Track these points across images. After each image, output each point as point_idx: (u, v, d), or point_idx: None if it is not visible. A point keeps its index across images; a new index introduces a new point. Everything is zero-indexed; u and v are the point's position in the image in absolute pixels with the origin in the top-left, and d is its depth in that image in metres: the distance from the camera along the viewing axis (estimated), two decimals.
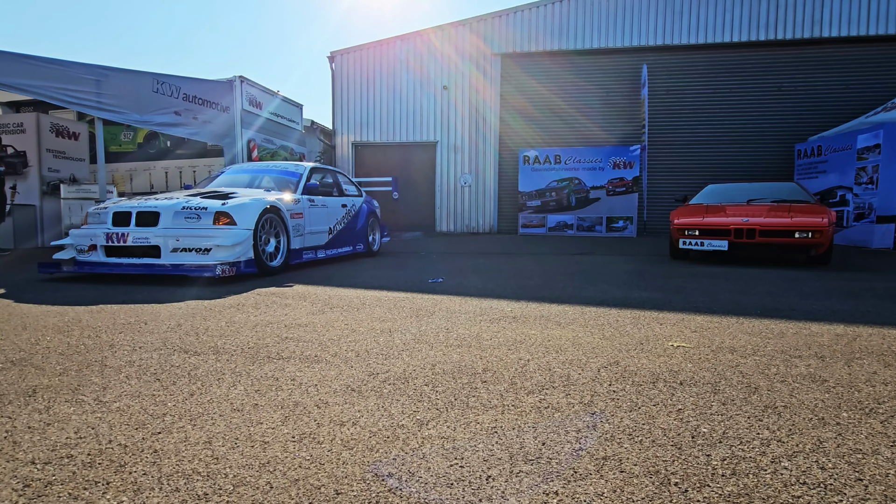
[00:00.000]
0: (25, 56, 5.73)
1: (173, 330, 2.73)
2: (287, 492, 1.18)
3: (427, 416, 1.61)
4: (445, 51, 12.74)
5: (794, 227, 5.68)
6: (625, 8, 11.87)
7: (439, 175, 13.05)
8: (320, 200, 6.14)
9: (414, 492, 1.18)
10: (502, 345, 2.45)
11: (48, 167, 8.93)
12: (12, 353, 2.30)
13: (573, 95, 12.36)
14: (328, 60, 13.37)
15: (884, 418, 1.59)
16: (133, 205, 4.82)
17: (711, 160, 11.94)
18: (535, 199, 12.08)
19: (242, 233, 4.64)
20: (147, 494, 1.17)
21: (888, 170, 8.48)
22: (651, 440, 1.44)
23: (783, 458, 1.33)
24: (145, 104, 7.03)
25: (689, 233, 6.15)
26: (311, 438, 1.45)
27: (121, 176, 10.99)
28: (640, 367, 2.10)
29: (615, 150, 11.67)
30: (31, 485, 1.21)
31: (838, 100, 11.36)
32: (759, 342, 2.49)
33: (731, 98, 11.85)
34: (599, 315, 3.14)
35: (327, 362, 2.16)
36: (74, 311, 3.23)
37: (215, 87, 8.25)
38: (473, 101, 12.76)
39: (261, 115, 9.23)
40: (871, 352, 2.33)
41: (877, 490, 1.18)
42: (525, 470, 1.27)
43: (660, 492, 1.17)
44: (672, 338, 2.58)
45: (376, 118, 13.08)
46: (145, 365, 2.13)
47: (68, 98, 6.18)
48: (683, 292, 4.00)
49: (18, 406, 1.69)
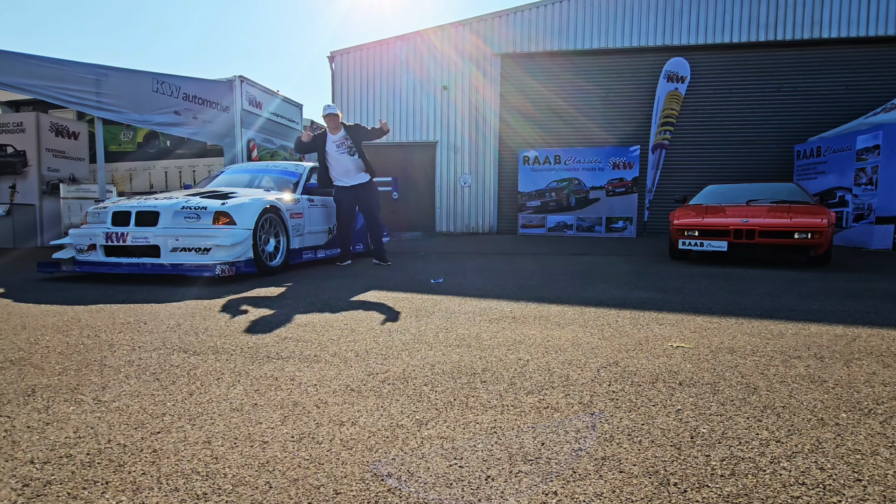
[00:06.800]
0: (25, 56, 5.73)
1: (173, 329, 2.73)
2: (286, 492, 1.18)
3: (426, 416, 1.61)
4: (445, 51, 12.74)
5: (794, 227, 5.68)
6: (625, 8, 11.88)
7: (439, 175, 13.06)
8: (320, 200, 6.14)
9: (413, 492, 1.18)
10: (502, 345, 2.45)
11: (48, 167, 8.93)
12: (11, 353, 2.30)
13: (573, 95, 12.37)
14: (328, 60, 13.37)
15: (883, 419, 1.59)
16: (132, 204, 4.82)
17: (711, 161, 11.95)
18: (534, 200, 12.08)
19: (242, 232, 4.64)
20: (146, 494, 1.17)
21: (887, 171, 8.48)
22: (650, 440, 1.44)
23: (782, 459, 1.33)
24: (145, 104, 7.03)
25: (688, 233, 6.16)
26: (310, 438, 1.45)
27: (120, 176, 10.99)
28: (640, 367, 2.10)
29: (615, 151, 11.68)
30: (31, 484, 1.21)
31: (838, 100, 11.37)
32: (758, 343, 2.49)
33: (730, 98, 11.86)
34: (599, 315, 3.14)
35: (327, 362, 2.16)
36: (74, 311, 3.23)
37: (215, 86, 8.24)
38: (473, 101, 12.76)
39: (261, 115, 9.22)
40: (870, 352, 2.33)
41: (876, 490, 1.18)
42: (524, 470, 1.27)
43: (659, 492, 1.18)
44: (671, 338, 2.58)
45: (376, 118, 13.07)
46: (144, 364, 2.13)
47: (68, 97, 6.17)
48: (683, 293, 4.00)
49: (17, 405, 1.69)
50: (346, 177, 5.90)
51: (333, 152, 5.84)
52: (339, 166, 5.87)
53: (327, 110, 5.78)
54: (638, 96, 12.12)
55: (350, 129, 5.85)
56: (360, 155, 5.84)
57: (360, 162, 5.85)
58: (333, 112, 5.79)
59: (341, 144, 5.81)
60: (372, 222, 6.14)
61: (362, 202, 6.02)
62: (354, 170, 5.87)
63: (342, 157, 5.83)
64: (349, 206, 6.01)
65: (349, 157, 5.83)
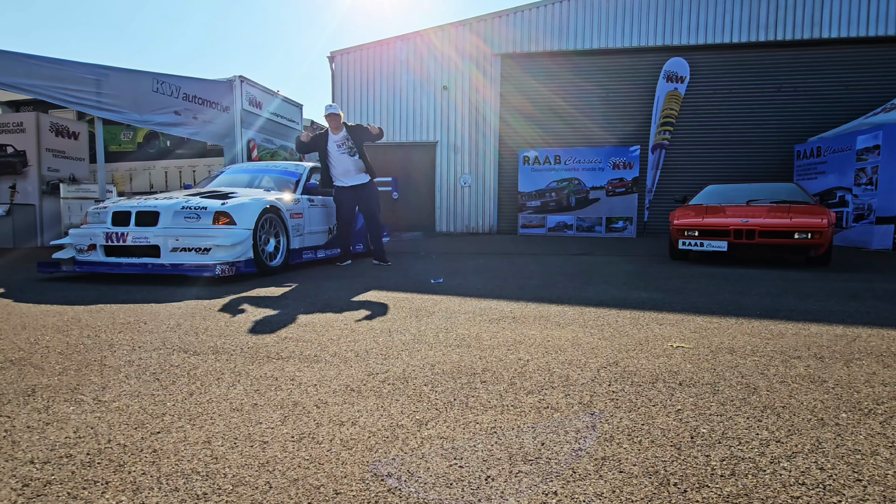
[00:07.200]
0: (25, 56, 5.73)
1: (173, 329, 2.73)
2: (286, 491, 1.18)
3: (426, 416, 1.61)
4: (446, 51, 12.74)
5: (794, 227, 5.68)
6: (625, 9, 11.88)
7: (439, 175, 13.06)
8: (320, 200, 6.14)
9: (413, 492, 1.18)
10: (502, 345, 2.45)
11: (48, 167, 8.93)
12: (11, 353, 2.30)
13: (573, 95, 12.37)
14: (328, 60, 13.37)
15: (883, 419, 1.59)
16: (133, 204, 4.82)
17: (711, 161, 11.96)
18: (534, 200, 12.08)
19: (242, 232, 4.64)
20: (146, 494, 1.17)
21: (887, 171, 8.48)
22: (650, 440, 1.44)
23: (782, 459, 1.33)
24: (145, 104, 7.03)
25: (688, 233, 6.16)
26: (310, 438, 1.45)
27: (121, 176, 10.98)
28: (640, 367, 2.10)
29: (615, 151, 11.68)
30: (30, 484, 1.21)
31: (838, 100, 11.37)
32: (758, 343, 2.49)
33: (730, 98, 11.86)
34: (599, 315, 3.14)
35: (326, 362, 2.16)
36: (74, 311, 3.23)
37: (215, 86, 8.25)
38: (474, 101, 12.77)
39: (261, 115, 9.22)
40: (870, 353, 2.33)
41: (875, 490, 1.18)
42: (524, 470, 1.27)
43: (659, 492, 1.18)
44: (671, 338, 2.58)
45: (376, 118, 13.08)
46: (144, 364, 2.13)
47: (68, 97, 6.18)
48: (683, 293, 4.00)
49: (17, 405, 1.69)
50: (346, 177, 5.90)
51: (334, 152, 5.85)
52: (340, 166, 5.88)
53: (329, 110, 5.78)
54: (638, 96, 12.12)
55: (352, 130, 5.85)
56: (361, 155, 5.84)
57: (360, 162, 5.85)
58: (335, 112, 5.79)
59: (342, 144, 5.81)
60: (372, 222, 6.14)
61: (362, 202, 6.02)
62: (354, 170, 5.87)
63: (343, 157, 5.84)
64: (349, 206, 6.01)
65: (349, 157, 5.83)
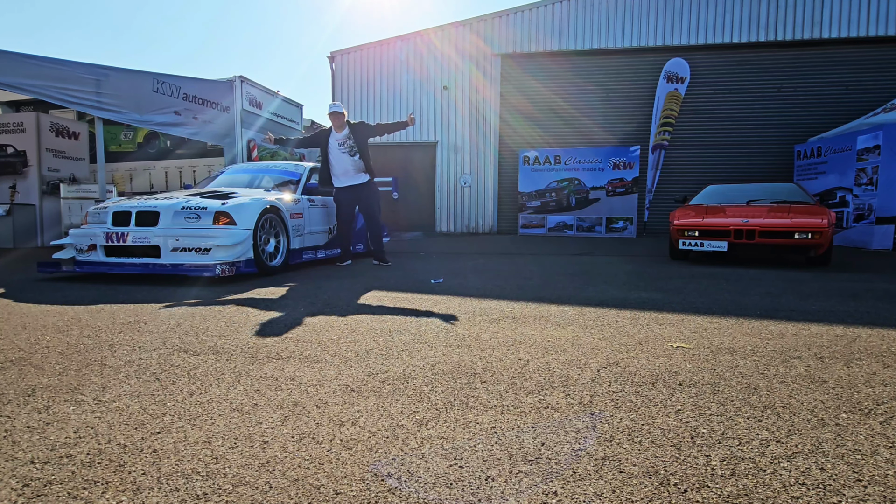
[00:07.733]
0: (26, 56, 5.73)
1: (173, 330, 2.73)
2: (286, 492, 1.18)
3: (426, 417, 1.61)
4: (446, 51, 12.74)
5: (794, 227, 5.68)
6: (625, 9, 11.87)
7: (439, 175, 13.05)
8: (320, 200, 6.14)
9: (413, 492, 1.18)
10: (502, 345, 2.45)
11: (48, 167, 8.94)
12: (12, 353, 2.30)
13: (573, 95, 12.36)
14: (328, 60, 13.36)
15: (883, 419, 1.59)
16: (133, 204, 4.82)
17: (711, 161, 11.95)
18: (534, 200, 12.08)
19: (242, 233, 4.65)
20: (146, 494, 1.17)
21: (888, 171, 8.48)
22: (650, 441, 1.44)
23: (782, 459, 1.33)
24: (145, 104, 7.03)
25: (688, 233, 6.16)
26: (310, 438, 1.45)
27: (121, 176, 10.99)
28: (640, 367, 2.10)
29: (615, 151, 11.67)
30: (31, 484, 1.21)
31: (838, 101, 11.37)
32: (758, 343, 2.49)
33: (730, 99, 11.86)
34: (599, 315, 3.14)
35: (327, 362, 2.16)
36: (74, 311, 3.23)
37: (215, 86, 8.25)
38: (474, 101, 12.76)
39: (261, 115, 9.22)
40: (870, 353, 2.33)
41: (876, 491, 1.18)
42: (524, 470, 1.27)
43: (659, 492, 1.18)
44: (671, 338, 2.58)
45: (376, 118, 13.07)
46: (145, 364, 2.13)
47: (68, 98, 6.18)
48: (683, 293, 4.00)
49: (18, 405, 1.69)
50: (346, 177, 5.90)
51: (335, 150, 5.84)
52: (339, 166, 5.87)
53: (332, 108, 5.78)
54: (638, 96, 12.11)
55: (354, 128, 5.84)
56: (363, 155, 5.83)
57: (359, 163, 5.85)
58: (338, 111, 5.78)
59: (343, 144, 5.81)
60: (372, 222, 6.14)
61: (362, 202, 6.02)
62: (353, 170, 5.87)
63: (342, 156, 5.83)
64: (349, 206, 6.01)
65: (349, 157, 5.83)
